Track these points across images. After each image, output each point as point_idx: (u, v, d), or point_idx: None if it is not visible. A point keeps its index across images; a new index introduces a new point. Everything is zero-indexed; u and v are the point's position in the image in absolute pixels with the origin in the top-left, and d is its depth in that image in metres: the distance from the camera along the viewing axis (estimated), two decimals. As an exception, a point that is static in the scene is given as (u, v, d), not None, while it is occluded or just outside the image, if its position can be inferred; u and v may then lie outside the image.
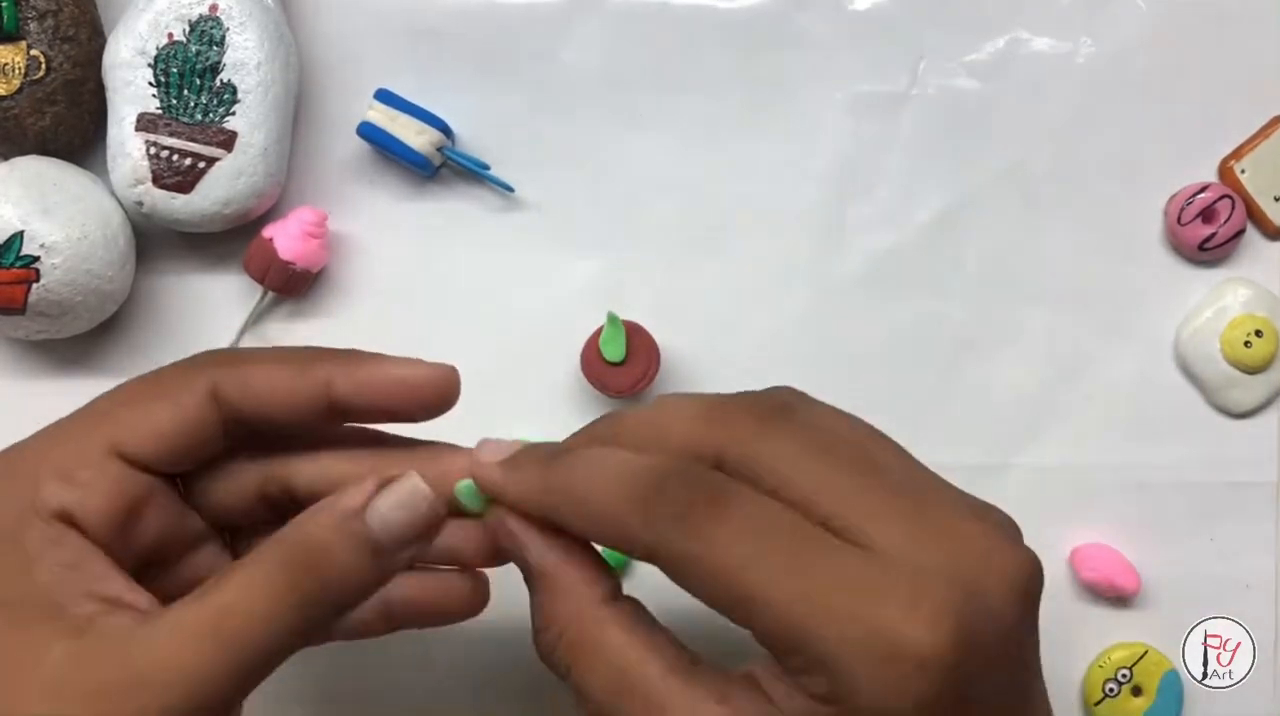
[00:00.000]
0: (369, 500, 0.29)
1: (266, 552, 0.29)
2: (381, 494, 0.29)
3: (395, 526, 0.29)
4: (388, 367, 0.32)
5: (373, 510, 0.29)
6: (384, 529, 0.29)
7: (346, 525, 0.29)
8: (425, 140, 0.44)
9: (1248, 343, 0.44)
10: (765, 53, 0.45)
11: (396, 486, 0.30)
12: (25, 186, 0.41)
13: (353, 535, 0.29)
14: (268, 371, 0.31)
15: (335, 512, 0.29)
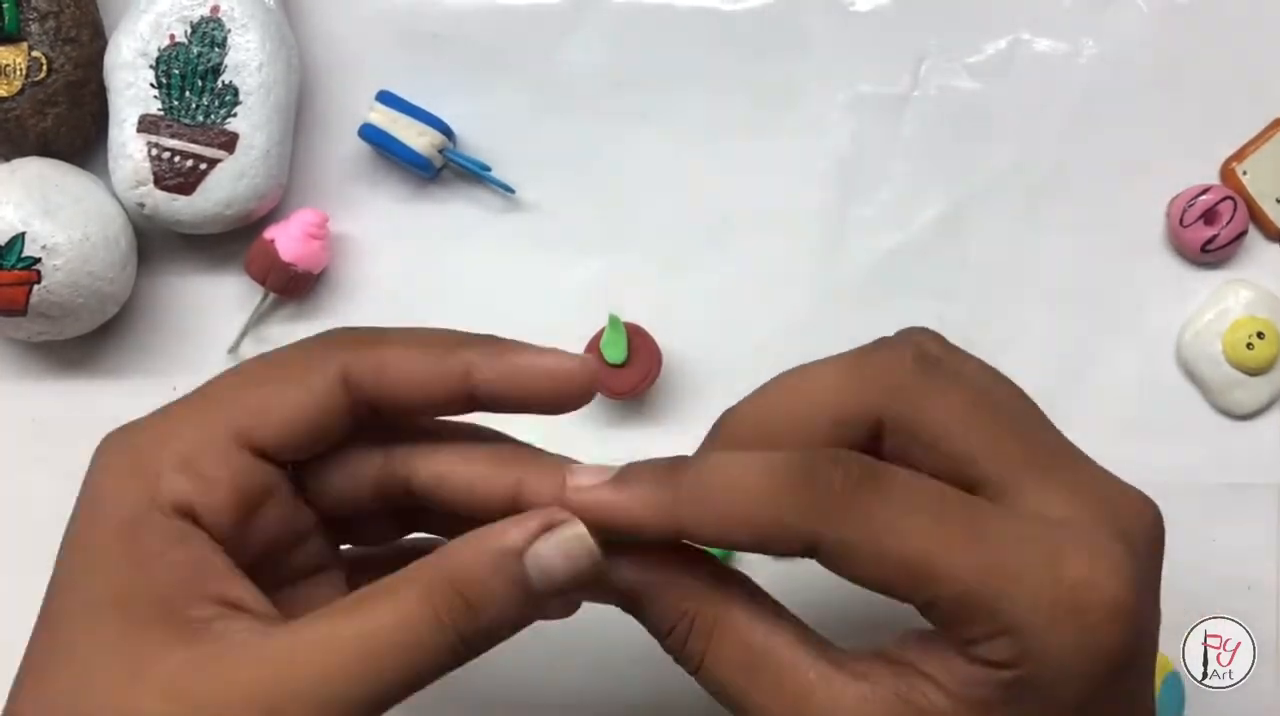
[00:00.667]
0: (530, 542, 0.27)
1: (420, 578, 0.27)
2: (544, 538, 0.27)
3: (553, 575, 0.27)
4: (532, 357, 0.30)
5: (533, 554, 0.27)
6: (541, 576, 0.27)
7: (504, 565, 0.27)
8: (426, 142, 0.44)
9: (1249, 344, 0.44)
10: (767, 54, 0.45)
11: (561, 534, 0.28)
12: (27, 188, 0.41)
13: (509, 577, 0.27)
14: (405, 356, 0.30)
15: (494, 550, 0.27)
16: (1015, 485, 0.28)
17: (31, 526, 0.45)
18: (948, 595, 0.26)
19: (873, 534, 0.26)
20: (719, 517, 0.27)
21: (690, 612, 0.29)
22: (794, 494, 0.27)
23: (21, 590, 0.45)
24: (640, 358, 0.43)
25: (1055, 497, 0.27)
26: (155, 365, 0.45)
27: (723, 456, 0.29)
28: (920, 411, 0.28)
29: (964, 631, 0.26)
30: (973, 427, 0.28)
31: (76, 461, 0.44)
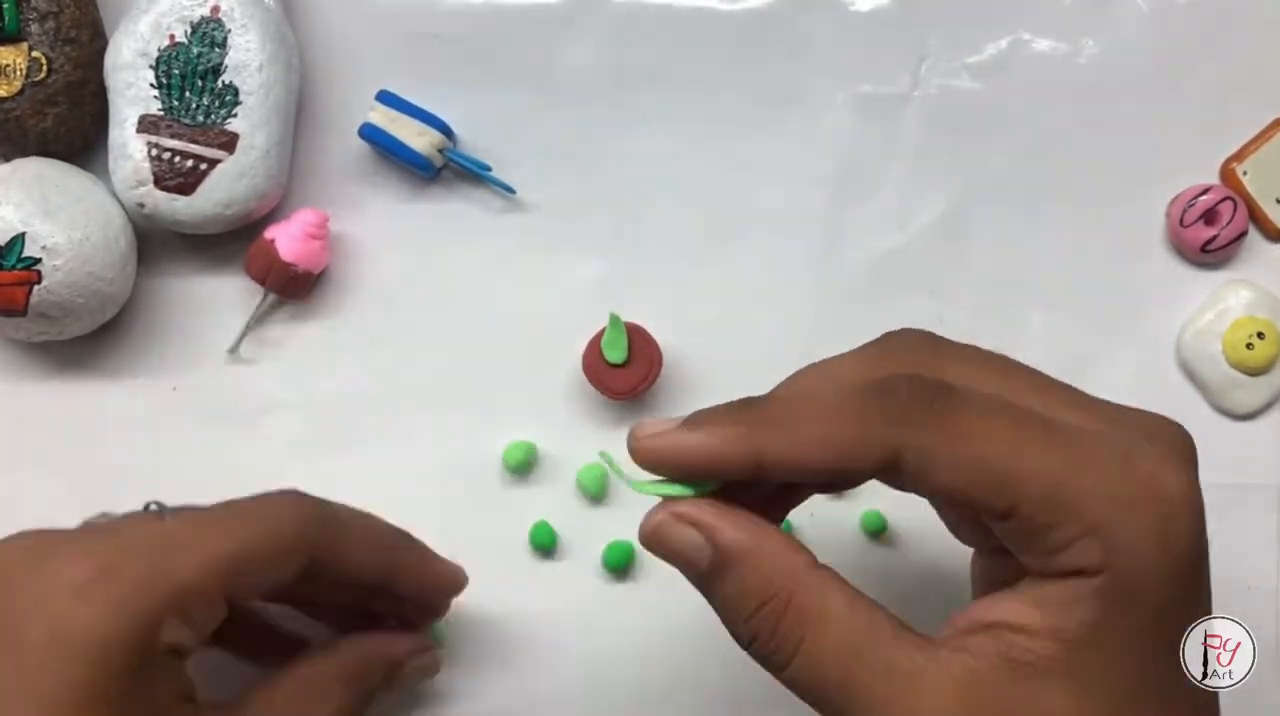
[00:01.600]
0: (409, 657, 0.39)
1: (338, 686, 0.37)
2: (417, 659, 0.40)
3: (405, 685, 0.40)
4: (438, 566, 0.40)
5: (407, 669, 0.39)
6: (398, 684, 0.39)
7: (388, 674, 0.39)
8: (426, 142, 0.44)
9: (1249, 344, 0.44)
10: (767, 54, 0.45)
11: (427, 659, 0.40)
12: (27, 188, 0.41)
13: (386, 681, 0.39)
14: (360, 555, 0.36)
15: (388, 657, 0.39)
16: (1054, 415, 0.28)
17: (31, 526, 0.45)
18: (1031, 496, 0.26)
19: (953, 439, 0.27)
20: (798, 438, 0.28)
21: (788, 590, 0.28)
22: (872, 406, 0.27)
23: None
24: (640, 358, 0.43)
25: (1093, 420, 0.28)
26: (155, 365, 0.45)
27: (795, 385, 0.29)
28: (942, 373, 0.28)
29: (1048, 540, 0.27)
30: (994, 376, 0.29)
31: (76, 461, 0.45)
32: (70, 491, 0.44)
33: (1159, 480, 0.27)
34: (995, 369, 0.30)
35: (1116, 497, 0.26)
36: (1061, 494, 0.26)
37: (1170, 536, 0.27)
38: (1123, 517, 0.26)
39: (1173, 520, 0.27)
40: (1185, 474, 0.27)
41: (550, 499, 0.44)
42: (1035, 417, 0.27)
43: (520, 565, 0.44)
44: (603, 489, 0.44)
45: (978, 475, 0.27)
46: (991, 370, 0.29)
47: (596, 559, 0.44)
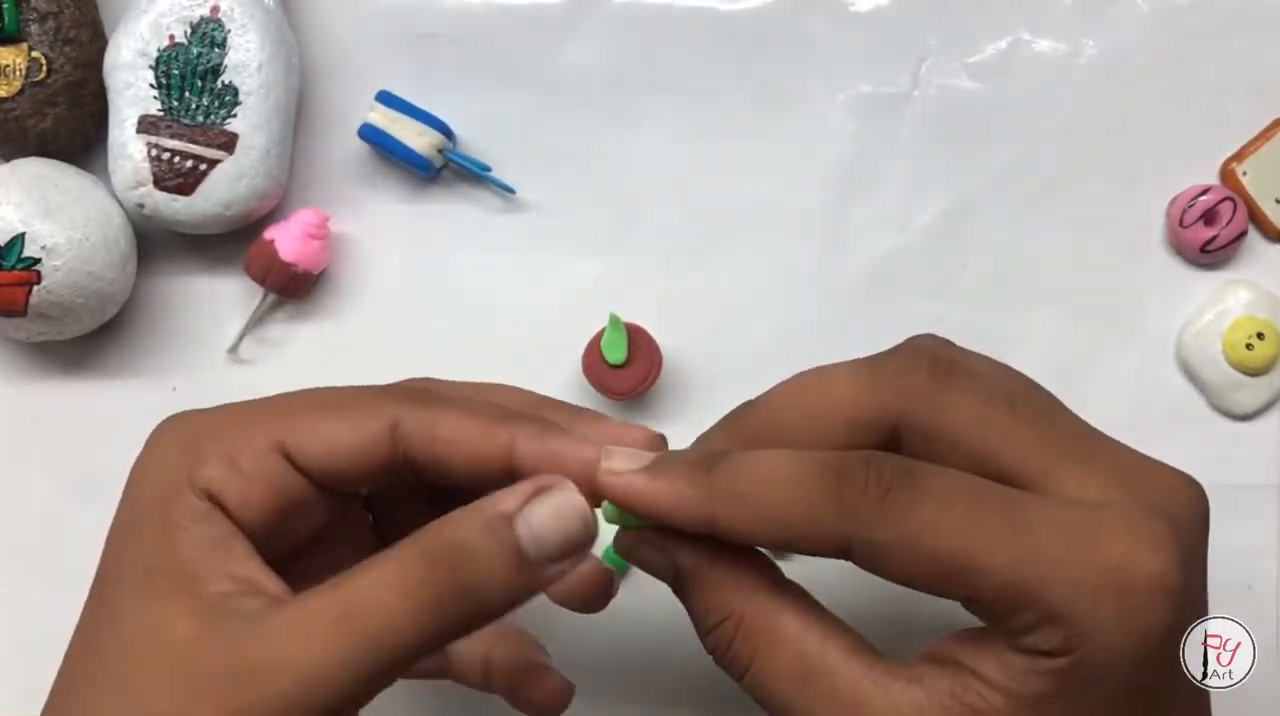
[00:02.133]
0: (522, 506, 0.27)
1: (405, 546, 0.27)
2: (534, 502, 0.27)
3: (545, 539, 0.27)
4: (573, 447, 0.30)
5: (524, 518, 0.27)
6: (533, 540, 0.27)
7: (493, 528, 0.27)
8: (426, 142, 0.44)
9: (1249, 345, 0.44)
10: (767, 54, 0.45)
11: (551, 496, 0.27)
12: (26, 188, 0.41)
13: (499, 540, 0.27)
14: (455, 423, 0.30)
15: (484, 514, 0.27)
16: (1046, 473, 0.28)
17: (31, 526, 0.45)
18: (989, 587, 0.26)
19: (906, 534, 0.26)
20: (751, 515, 0.28)
21: (739, 612, 0.28)
22: (827, 495, 0.27)
23: (22, 587, 0.45)
24: (640, 358, 0.43)
25: (1090, 481, 0.28)
26: (155, 365, 0.45)
27: (756, 454, 0.29)
28: (938, 414, 0.28)
29: (1010, 623, 0.26)
30: (992, 424, 0.28)
31: (76, 461, 0.45)
32: (70, 491, 0.45)
33: (1129, 567, 0.26)
34: (1000, 410, 0.29)
35: (1078, 588, 0.26)
36: (1020, 584, 0.26)
37: (1138, 625, 0.26)
38: (1085, 608, 0.26)
39: (1141, 610, 0.26)
40: (1165, 553, 0.26)
41: (550, 499, 0.44)
42: (997, 500, 0.27)
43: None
44: (602, 489, 0.44)
45: (931, 569, 0.27)
46: (996, 411, 0.28)
47: (596, 552, 0.44)
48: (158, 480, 0.30)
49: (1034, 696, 0.26)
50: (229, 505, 0.29)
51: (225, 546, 0.29)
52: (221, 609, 0.28)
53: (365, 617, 0.26)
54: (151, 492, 0.30)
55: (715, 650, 0.29)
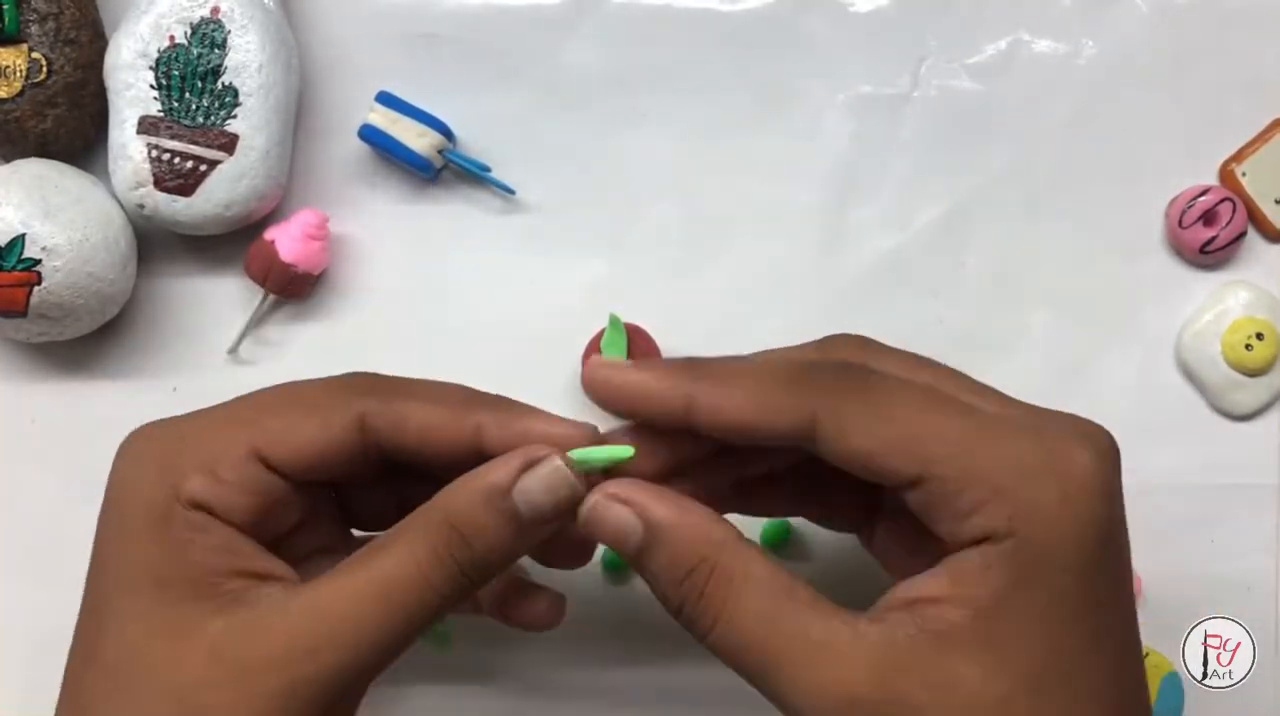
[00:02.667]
0: (515, 477, 0.30)
1: (420, 523, 0.30)
2: (527, 474, 0.30)
3: (539, 505, 0.30)
4: (540, 424, 0.33)
5: (519, 489, 0.30)
6: (528, 507, 0.30)
7: (494, 499, 0.30)
8: (426, 142, 0.44)
9: (1248, 345, 0.44)
10: (767, 54, 0.45)
11: (542, 468, 0.30)
12: (27, 189, 0.41)
13: (500, 510, 0.30)
14: (422, 410, 0.32)
15: (483, 488, 0.30)
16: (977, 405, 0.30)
17: (31, 526, 0.45)
18: (940, 458, 0.28)
19: (868, 406, 0.29)
20: (726, 392, 0.30)
21: (712, 559, 0.30)
22: (797, 376, 0.30)
23: (22, 587, 0.45)
24: (640, 358, 0.43)
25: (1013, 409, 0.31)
26: (155, 366, 0.45)
27: (734, 356, 0.32)
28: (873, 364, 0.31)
29: (958, 501, 0.28)
30: (922, 371, 0.31)
31: (76, 461, 0.45)
32: (70, 491, 0.45)
33: (1066, 454, 0.28)
34: (922, 366, 0.32)
35: (1023, 464, 0.28)
36: (969, 458, 0.28)
37: (1077, 507, 0.28)
38: (1028, 483, 0.28)
39: (1080, 492, 0.28)
40: (1096, 457, 0.29)
41: (550, 499, 0.44)
42: (948, 396, 0.30)
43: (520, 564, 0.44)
44: (602, 489, 0.44)
45: (890, 440, 0.29)
46: (917, 365, 0.32)
47: (597, 560, 0.44)
48: (142, 496, 0.31)
49: (990, 595, 0.28)
50: (215, 510, 0.31)
51: (231, 547, 0.31)
52: (244, 600, 0.30)
53: (402, 591, 0.30)
54: (140, 509, 0.31)
55: (686, 600, 0.30)
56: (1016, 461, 0.28)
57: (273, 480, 0.32)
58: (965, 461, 0.28)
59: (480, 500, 0.30)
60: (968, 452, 0.28)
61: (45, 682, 0.37)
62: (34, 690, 0.43)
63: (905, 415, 0.29)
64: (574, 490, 0.31)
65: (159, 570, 0.30)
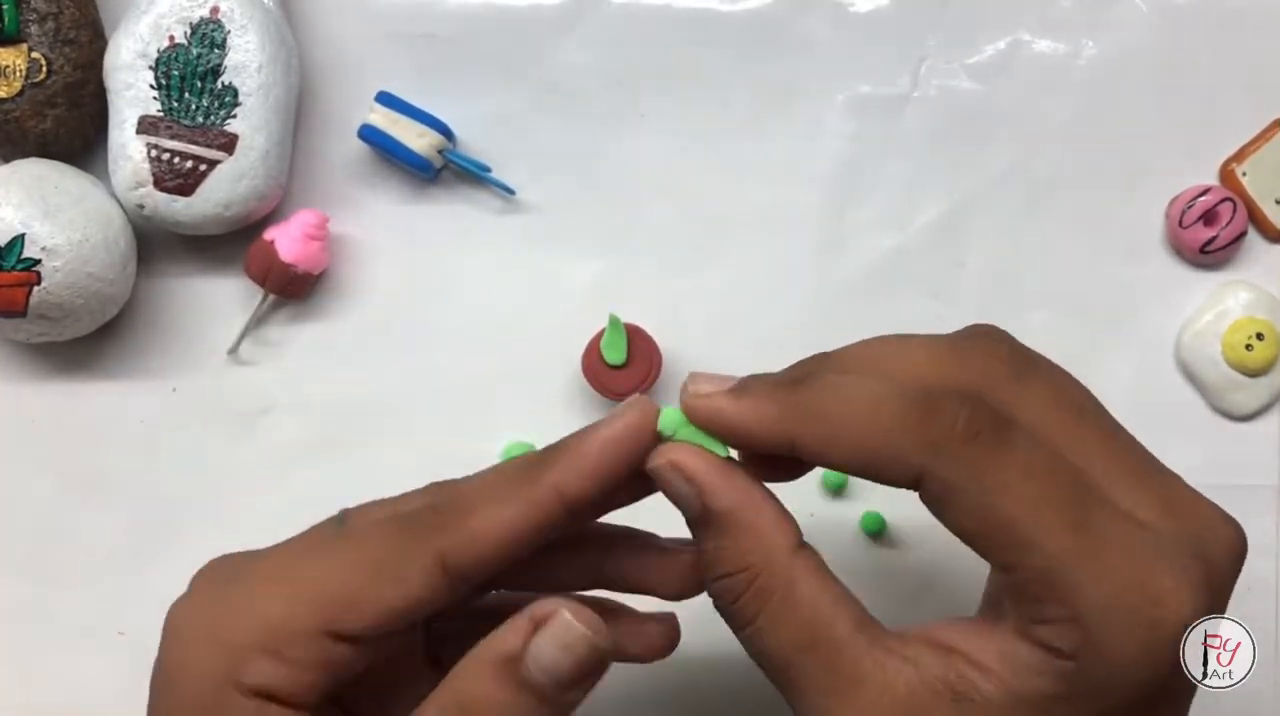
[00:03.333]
0: (526, 642, 0.27)
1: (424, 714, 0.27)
2: (539, 635, 0.27)
3: (558, 671, 0.27)
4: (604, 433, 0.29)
5: (532, 656, 0.27)
6: (544, 674, 0.27)
7: (505, 673, 0.27)
8: (426, 143, 0.44)
9: (1249, 346, 0.44)
10: (767, 55, 0.45)
11: (551, 626, 0.27)
12: (26, 189, 0.41)
13: (514, 685, 0.27)
14: (497, 517, 0.28)
15: (492, 661, 0.27)
16: (1106, 484, 0.27)
17: (31, 526, 0.45)
18: (1034, 566, 0.26)
19: (980, 484, 0.26)
20: (831, 436, 0.27)
21: (756, 568, 0.28)
22: (912, 423, 0.27)
23: (22, 587, 0.45)
24: (640, 358, 0.43)
25: (1145, 502, 0.27)
26: (155, 366, 0.45)
27: (844, 377, 0.28)
28: (1016, 401, 0.28)
29: (1034, 610, 0.26)
30: (1062, 426, 0.28)
31: (76, 462, 0.45)
32: (71, 491, 0.45)
33: (1164, 596, 0.26)
34: (1070, 414, 0.28)
35: (1113, 601, 0.26)
36: (1061, 574, 0.26)
37: (1155, 658, 0.26)
38: (1111, 622, 0.26)
39: (1164, 645, 0.26)
40: (1201, 600, 0.26)
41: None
42: (1071, 490, 0.27)
43: None
44: (602, 489, 0.44)
45: (989, 527, 0.26)
46: (1066, 415, 0.28)
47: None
48: (197, 677, 0.28)
49: (1031, 693, 0.26)
50: (280, 695, 0.28)
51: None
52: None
53: None
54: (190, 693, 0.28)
55: (722, 597, 0.29)
56: (1108, 590, 0.26)
57: (346, 651, 0.29)
58: (1057, 574, 0.26)
59: (491, 676, 0.27)
60: (1062, 567, 0.26)
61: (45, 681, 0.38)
62: (33, 689, 0.43)
63: (1013, 506, 0.26)
64: (594, 649, 0.27)
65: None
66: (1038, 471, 0.26)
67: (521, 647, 0.27)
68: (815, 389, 0.28)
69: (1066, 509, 0.26)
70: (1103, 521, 0.26)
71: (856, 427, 0.27)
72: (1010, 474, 0.26)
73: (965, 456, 0.26)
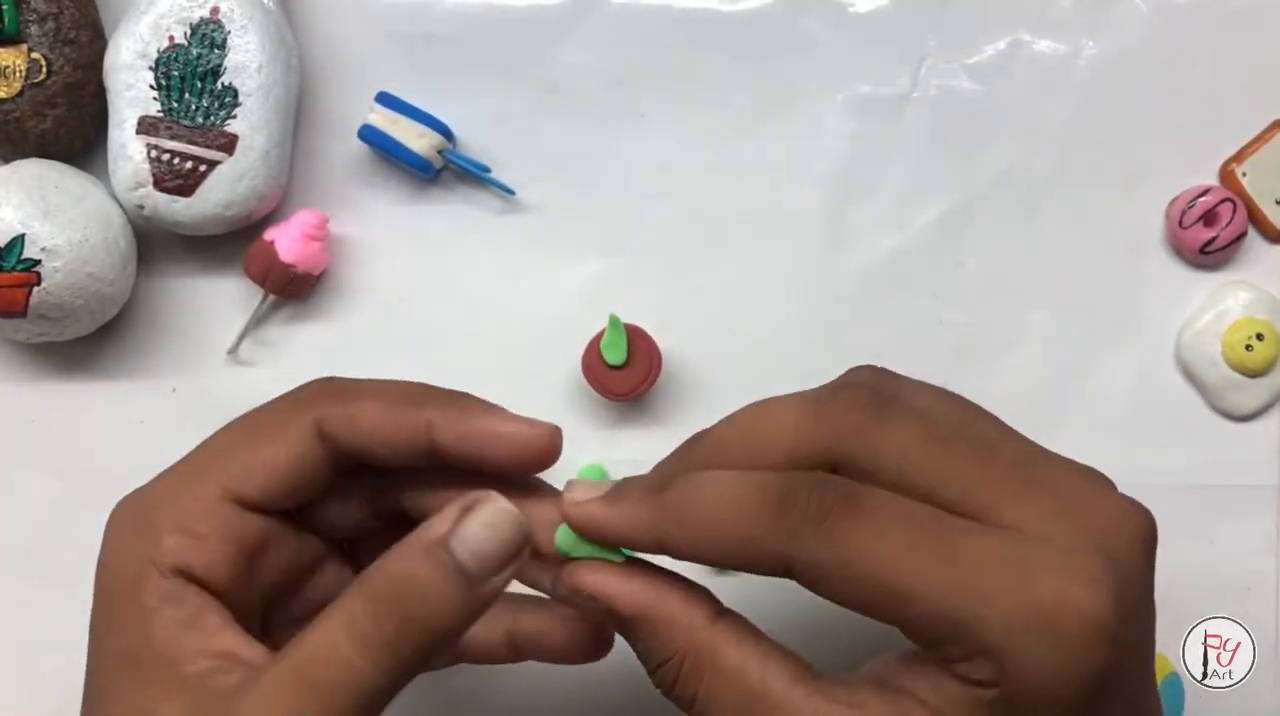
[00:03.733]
0: (453, 527, 0.28)
1: (350, 594, 0.28)
2: (465, 519, 0.28)
3: (482, 552, 0.28)
4: (491, 422, 0.31)
5: (458, 537, 0.28)
6: (471, 556, 0.28)
7: (432, 555, 0.28)
8: (426, 143, 0.44)
9: (1249, 346, 0.44)
10: (767, 55, 0.45)
11: (480, 510, 0.28)
12: (26, 189, 0.41)
13: (439, 565, 0.28)
14: (374, 409, 0.31)
15: (420, 544, 0.28)
16: (986, 506, 0.27)
17: (31, 526, 0.45)
18: (921, 615, 0.26)
19: (843, 556, 0.27)
20: (698, 537, 0.28)
21: (680, 652, 0.29)
22: (768, 516, 0.27)
23: (21, 588, 0.45)
24: (640, 358, 0.43)
25: (1031, 511, 0.27)
26: (155, 366, 0.45)
27: (705, 476, 0.29)
28: (875, 450, 0.28)
29: (943, 651, 0.27)
30: (931, 458, 0.28)
31: (76, 462, 0.45)
32: (70, 491, 0.45)
33: (1061, 606, 0.26)
34: (938, 444, 0.28)
35: (1008, 624, 0.26)
36: (952, 614, 0.26)
37: (1069, 666, 0.26)
38: (1014, 645, 0.26)
39: (1072, 650, 0.26)
40: (1101, 592, 0.26)
41: (550, 499, 0.44)
42: (934, 530, 0.27)
43: None
44: (602, 490, 0.44)
45: (866, 593, 0.27)
46: (934, 446, 0.28)
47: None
48: (121, 567, 0.30)
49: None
50: (197, 571, 0.30)
51: (197, 623, 0.29)
52: (201, 688, 0.28)
53: (325, 676, 0.27)
54: (118, 580, 0.30)
55: (662, 686, 0.29)
56: (1003, 617, 0.26)
57: (252, 521, 0.31)
58: (949, 617, 0.26)
59: (419, 557, 0.28)
60: (951, 608, 0.26)
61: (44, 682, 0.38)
62: (33, 689, 0.43)
63: (882, 567, 0.26)
64: (520, 529, 0.29)
65: (131, 645, 0.29)
66: (894, 525, 0.27)
67: (448, 532, 0.28)
68: (679, 491, 0.29)
69: (934, 548, 0.26)
70: (977, 547, 0.27)
71: (719, 527, 0.28)
72: (867, 536, 0.27)
73: (822, 535, 0.27)
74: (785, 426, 0.30)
